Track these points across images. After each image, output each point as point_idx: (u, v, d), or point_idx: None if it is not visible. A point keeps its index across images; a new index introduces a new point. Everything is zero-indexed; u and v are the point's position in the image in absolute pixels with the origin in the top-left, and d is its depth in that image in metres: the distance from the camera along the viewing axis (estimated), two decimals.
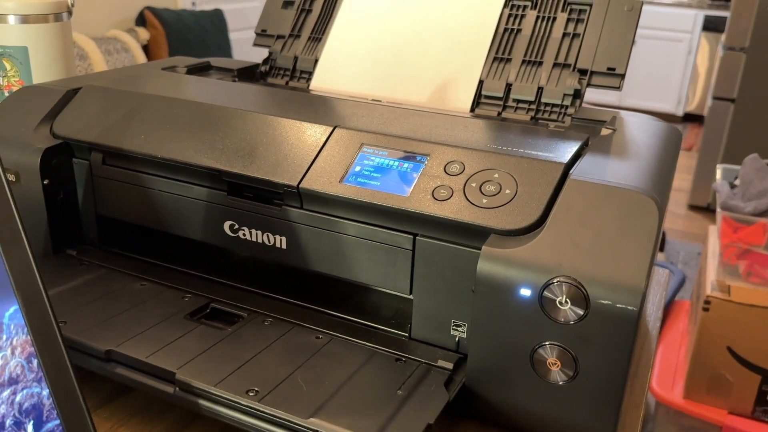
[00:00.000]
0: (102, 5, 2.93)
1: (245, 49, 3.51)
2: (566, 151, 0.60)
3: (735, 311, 1.52)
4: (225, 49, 3.35)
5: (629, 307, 0.48)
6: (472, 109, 0.83)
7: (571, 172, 0.57)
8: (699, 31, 4.67)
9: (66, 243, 0.76)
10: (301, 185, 0.61)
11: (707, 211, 3.48)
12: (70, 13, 0.96)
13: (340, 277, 0.63)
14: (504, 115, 0.82)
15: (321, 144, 0.63)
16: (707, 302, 1.54)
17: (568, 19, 0.84)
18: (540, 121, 0.80)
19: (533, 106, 0.81)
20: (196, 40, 3.15)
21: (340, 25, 0.94)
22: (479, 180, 0.57)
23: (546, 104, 0.81)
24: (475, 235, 0.55)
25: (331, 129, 0.64)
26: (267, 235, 0.65)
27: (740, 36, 3.17)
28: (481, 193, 0.56)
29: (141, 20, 3.08)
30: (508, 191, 0.56)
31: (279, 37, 0.97)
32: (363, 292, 0.67)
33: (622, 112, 0.82)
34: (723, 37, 3.34)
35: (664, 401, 1.68)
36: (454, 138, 0.63)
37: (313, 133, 0.65)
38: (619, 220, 0.51)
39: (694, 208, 3.50)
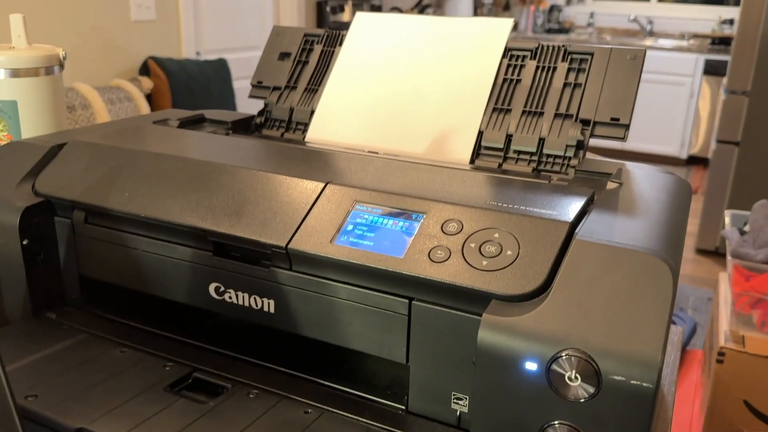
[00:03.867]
0: (105, 54, 2.96)
1: (250, 98, 3.52)
2: (570, 207, 0.57)
3: (751, 363, 1.46)
4: (229, 98, 3.36)
5: (645, 384, 0.43)
6: (472, 161, 0.80)
7: (576, 231, 0.53)
8: (700, 74, 4.69)
9: (46, 305, 0.72)
10: (289, 246, 0.57)
11: (715, 255, 3.42)
12: (61, 66, 0.94)
13: (331, 343, 0.59)
14: (504, 166, 0.79)
15: (312, 201, 0.60)
16: (721, 354, 1.48)
17: (569, 69, 0.81)
18: (542, 172, 0.77)
19: (535, 158, 0.78)
20: (200, 89, 3.17)
21: (337, 76, 0.92)
22: (478, 240, 0.53)
23: (548, 155, 0.78)
24: (474, 299, 0.51)
25: (322, 185, 0.61)
26: (254, 297, 0.61)
27: (742, 80, 3.17)
28: (481, 254, 0.52)
29: (145, 69, 3.11)
30: (509, 252, 0.52)
31: (275, 88, 0.96)
32: (356, 359, 0.62)
33: (628, 163, 0.78)
34: (725, 80, 3.34)
35: None
36: (451, 194, 0.60)
37: (304, 189, 0.61)
38: (631, 285, 0.47)
39: (701, 252, 3.45)
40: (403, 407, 0.57)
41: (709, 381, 1.57)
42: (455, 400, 0.54)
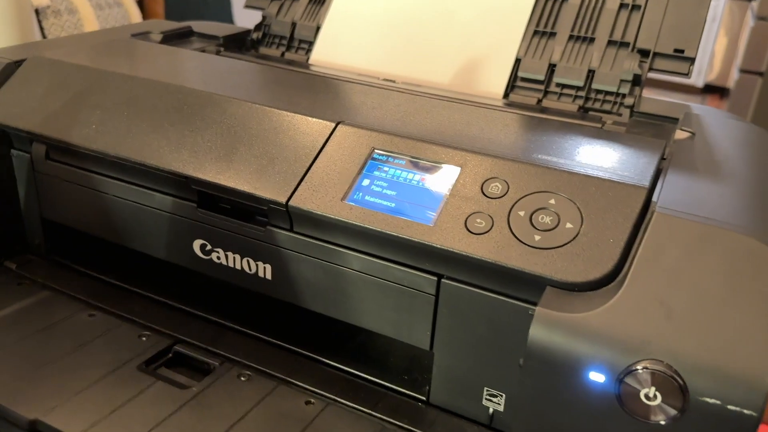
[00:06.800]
0: None
1: (246, 8, 3.30)
2: (643, 166, 0.45)
3: None
4: (225, 3, 3.15)
5: (746, 411, 0.34)
6: (506, 95, 0.68)
7: (654, 199, 0.42)
8: None
9: (5, 252, 0.62)
10: (290, 203, 0.46)
11: None
12: None
13: (338, 319, 0.49)
14: (545, 103, 0.67)
15: (319, 146, 0.49)
16: None
17: None
18: (590, 111, 0.65)
19: (582, 93, 0.66)
20: None
21: None
22: (529, 207, 0.42)
23: (598, 91, 0.66)
24: (522, 283, 0.41)
25: (332, 126, 0.50)
26: (247, 260, 0.51)
27: None
28: (533, 225, 0.42)
29: None
30: (569, 225, 0.41)
31: None
32: (367, 336, 0.53)
33: (693, 105, 0.66)
34: (753, 5, 3.13)
35: None
36: (492, 142, 0.48)
37: (310, 130, 0.50)
38: (729, 277, 0.37)
39: None
40: (424, 398, 0.48)
41: None
42: (488, 397, 0.45)
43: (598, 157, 0.47)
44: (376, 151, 0.48)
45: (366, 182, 0.46)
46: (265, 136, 0.50)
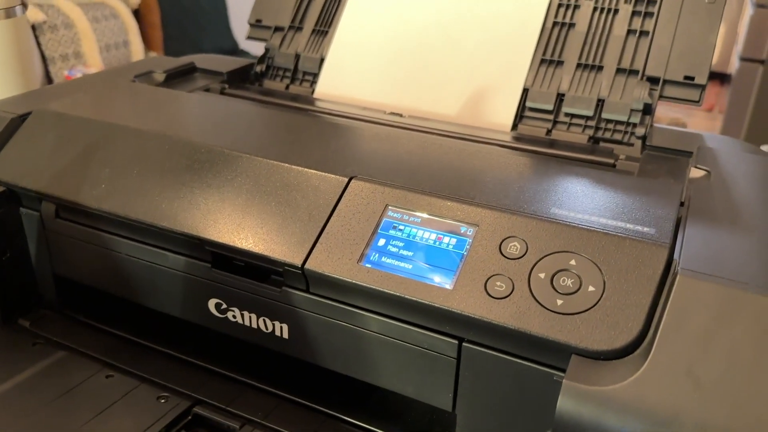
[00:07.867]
0: None
1: (243, 12, 3.29)
2: (662, 218, 0.45)
3: None
4: (221, 12, 3.14)
5: None
6: (515, 126, 0.68)
7: (675, 257, 0.41)
8: None
9: (19, 309, 0.61)
10: (306, 266, 0.46)
11: None
12: (24, 5, 0.79)
13: (357, 378, 0.49)
14: (554, 133, 0.67)
15: (333, 203, 0.48)
16: None
17: (634, 13, 0.67)
18: (601, 142, 0.65)
19: (591, 123, 0.66)
20: (191, 3, 2.95)
21: (351, 15, 0.77)
22: (550, 268, 0.42)
23: (608, 121, 0.65)
24: (546, 349, 0.40)
25: (345, 181, 0.49)
26: (264, 319, 0.50)
27: None
28: (554, 288, 0.41)
29: None
30: (591, 288, 0.41)
31: (277, 29, 0.81)
32: (389, 391, 0.52)
33: (704, 134, 0.66)
34: None
35: None
36: (506, 195, 0.47)
37: (323, 186, 0.49)
38: (758, 344, 0.36)
39: None
40: None
41: None
42: None
43: (615, 209, 0.46)
44: (390, 208, 0.47)
45: (381, 242, 0.46)
46: (277, 193, 0.50)
